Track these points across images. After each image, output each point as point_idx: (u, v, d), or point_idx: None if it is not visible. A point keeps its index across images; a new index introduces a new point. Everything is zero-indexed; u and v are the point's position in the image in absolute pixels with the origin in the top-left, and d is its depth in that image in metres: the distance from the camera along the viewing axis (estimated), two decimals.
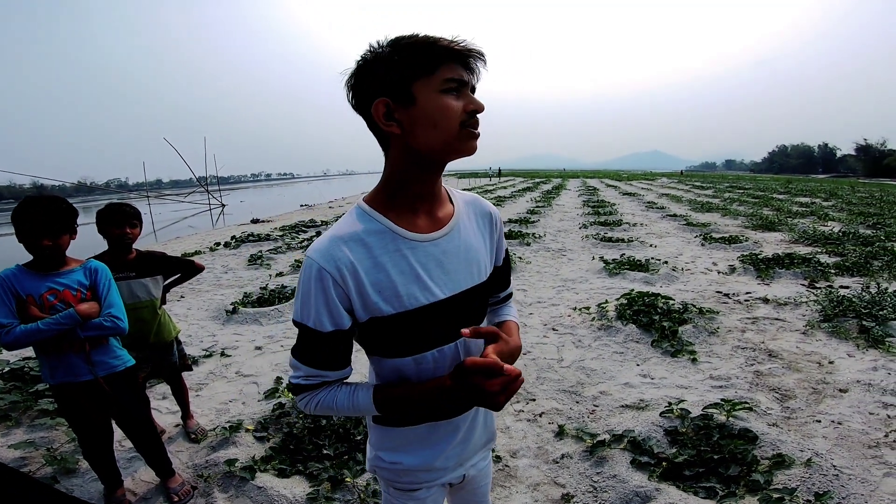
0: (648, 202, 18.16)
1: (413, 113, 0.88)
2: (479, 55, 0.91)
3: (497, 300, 1.23)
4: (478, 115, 0.92)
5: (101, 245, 2.55)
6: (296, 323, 0.95)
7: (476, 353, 1.07)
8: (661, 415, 2.97)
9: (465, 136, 0.91)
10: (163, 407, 3.39)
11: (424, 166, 0.94)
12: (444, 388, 0.92)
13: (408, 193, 0.96)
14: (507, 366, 0.86)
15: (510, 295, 1.26)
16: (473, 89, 0.94)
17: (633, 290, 5.62)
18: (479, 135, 0.93)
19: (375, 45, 0.89)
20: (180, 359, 2.92)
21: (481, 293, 1.07)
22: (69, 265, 2.07)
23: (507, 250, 1.21)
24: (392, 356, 0.99)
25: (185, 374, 3.07)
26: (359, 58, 0.91)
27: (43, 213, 1.88)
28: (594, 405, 3.31)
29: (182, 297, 6.35)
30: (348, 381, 1.04)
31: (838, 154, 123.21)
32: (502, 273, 1.20)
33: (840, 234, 9.66)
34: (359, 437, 2.82)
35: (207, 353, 4.39)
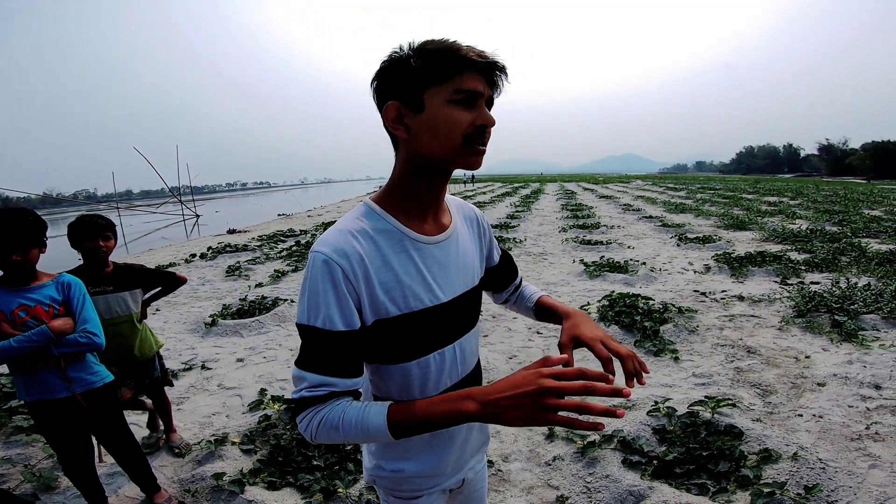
0: (625, 204, 18.47)
1: (420, 119, 0.88)
2: (499, 68, 0.89)
3: (515, 287, 1.28)
4: (489, 130, 0.90)
5: (72, 258, 2.47)
6: (301, 327, 0.88)
7: (469, 355, 1.08)
8: (648, 414, 3.01)
9: (467, 151, 0.89)
10: (143, 421, 3.29)
11: (427, 172, 0.94)
12: (467, 414, 0.81)
13: (414, 197, 0.96)
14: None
15: (521, 279, 1.31)
16: (492, 102, 0.92)
17: (613, 291, 5.70)
18: (482, 151, 0.91)
19: (400, 49, 0.89)
20: (162, 374, 2.84)
21: (475, 297, 1.09)
22: (40, 280, 2.00)
23: (500, 247, 1.26)
24: (396, 361, 0.97)
25: (166, 388, 2.99)
26: (385, 58, 0.90)
27: (10, 226, 1.82)
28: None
29: (158, 310, 6.19)
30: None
31: (802, 154, 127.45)
32: (505, 266, 1.25)
33: (808, 231, 9.98)
34: (349, 448, 2.78)
35: (187, 366, 4.28)
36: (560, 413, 0.75)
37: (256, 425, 3.03)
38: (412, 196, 0.96)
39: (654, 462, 2.57)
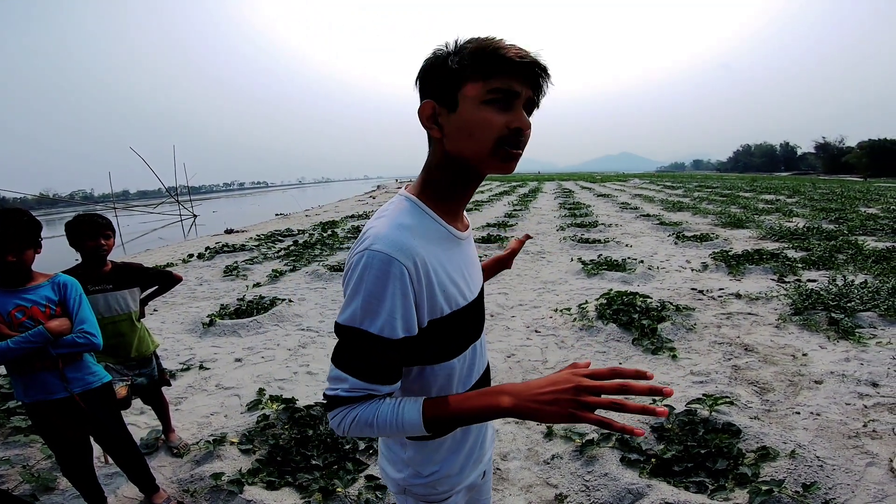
0: (622, 203, 18.49)
1: (454, 119, 0.86)
2: (540, 68, 0.85)
3: None
4: (525, 134, 0.86)
5: (68, 258, 2.47)
6: (351, 330, 0.83)
7: (484, 349, 1.09)
8: None
9: (500, 154, 0.85)
10: (141, 422, 3.29)
11: (459, 172, 0.92)
12: (503, 409, 0.80)
13: (449, 194, 0.95)
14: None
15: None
16: (533, 104, 0.89)
17: (611, 289, 5.71)
18: (517, 155, 0.87)
19: (443, 47, 0.87)
20: (159, 373, 2.84)
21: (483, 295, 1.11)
22: (36, 280, 1.99)
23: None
24: (444, 359, 0.94)
25: (163, 389, 2.99)
26: (428, 55, 0.89)
27: (5, 227, 1.81)
28: None
29: (155, 310, 6.18)
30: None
31: (799, 152, 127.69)
32: None
33: (805, 229, 10.01)
34: (347, 447, 2.78)
35: (185, 366, 4.28)
36: (597, 412, 0.76)
37: (255, 425, 3.03)
38: (446, 193, 0.95)
39: (653, 460, 2.57)
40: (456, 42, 0.86)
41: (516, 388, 0.80)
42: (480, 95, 0.83)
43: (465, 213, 1.07)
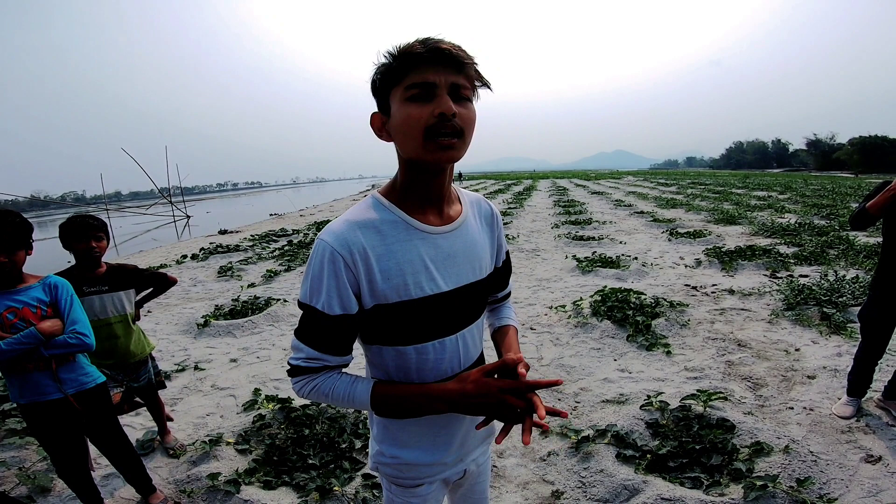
0: (616, 200, 18.55)
1: (391, 124, 0.93)
2: (447, 52, 0.85)
3: (496, 300, 1.28)
4: (455, 119, 0.86)
5: (61, 260, 2.46)
6: (302, 304, 0.95)
7: (472, 346, 1.11)
8: (641, 408, 3.03)
9: (431, 145, 0.87)
10: (136, 423, 3.27)
11: (418, 171, 0.95)
12: (450, 399, 0.95)
13: (416, 192, 0.99)
14: (535, 397, 0.93)
15: (508, 294, 1.30)
16: (463, 88, 0.88)
17: (606, 286, 5.73)
18: (450, 144, 0.87)
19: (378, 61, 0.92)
20: (155, 375, 2.83)
21: (481, 289, 1.09)
22: (27, 282, 1.99)
23: (507, 252, 1.24)
24: (392, 343, 1.00)
25: (159, 391, 2.98)
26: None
27: None
28: (576, 401, 3.36)
29: (150, 311, 6.15)
30: (348, 370, 1.04)
31: (791, 149, 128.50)
32: (503, 274, 1.24)
33: (797, 225, 10.08)
34: (344, 445, 2.78)
35: (180, 367, 4.26)
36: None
37: (251, 425, 3.03)
38: (413, 191, 0.99)
39: (648, 456, 2.59)
40: (382, 55, 0.91)
41: (453, 395, 0.94)
42: (401, 95, 0.88)
43: (462, 205, 1.08)
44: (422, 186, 0.98)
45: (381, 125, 0.96)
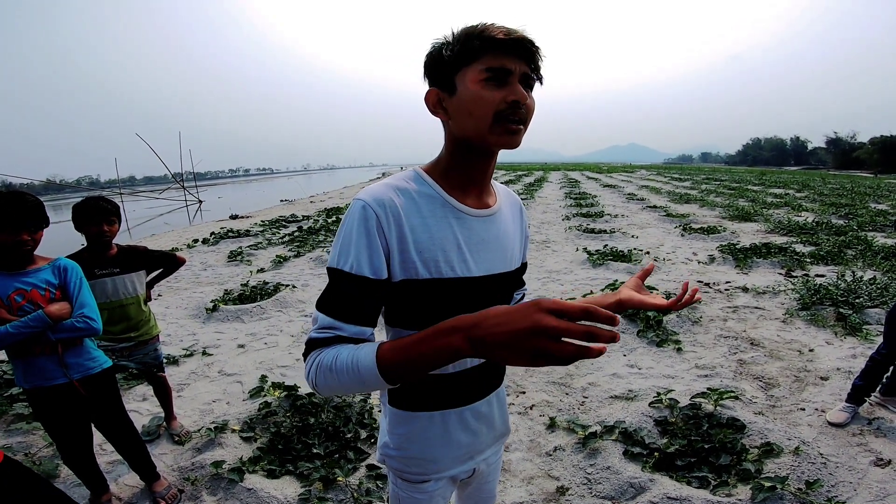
0: (629, 194, 18.34)
1: (454, 102, 0.91)
2: (528, 42, 0.88)
3: (514, 301, 1.25)
4: (524, 108, 0.89)
5: (73, 242, 2.46)
6: (330, 270, 0.89)
7: None
8: (650, 405, 2.99)
9: (500, 128, 0.88)
10: (143, 409, 3.29)
11: (469, 152, 0.95)
12: (467, 325, 0.70)
13: (460, 174, 0.98)
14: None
15: (524, 294, 1.29)
16: (530, 78, 0.91)
17: (616, 280, 5.67)
18: (517, 129, 0.90)
19: (440, 38, 0.92)
20: (154, 360, 2.81)
21: (510, 281, 1.08)
22: (36, 264, 1.98)
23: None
24: (418, 327, 0.88)
25: (167, 374, 2.98)
26: (430, 48, 0.94)
27: (19, 206, 1.81)
28: (584, 396, 3.32)
29: (160, 295, 6.19)
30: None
31: (809, 147, 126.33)
32: (522, 271, 1.22)
33: (814, 224, 9.90)
34: (349, 435, 2.77)
35: (188, 352, 4.28)
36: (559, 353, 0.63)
37: (256, 412, 3.03)
38: (458, 173, 0.98)
39: (656, 454, 2.55)
40: (452, 32, 0.91)
41: (470, 323, 0.70)
42: (475, 76, 0.87)
43: (497, 195, 1.08)
44: (468, 168, 0.97)
45: (438, 101, 0.94)
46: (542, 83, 0.95)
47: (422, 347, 0.74)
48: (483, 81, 0.87)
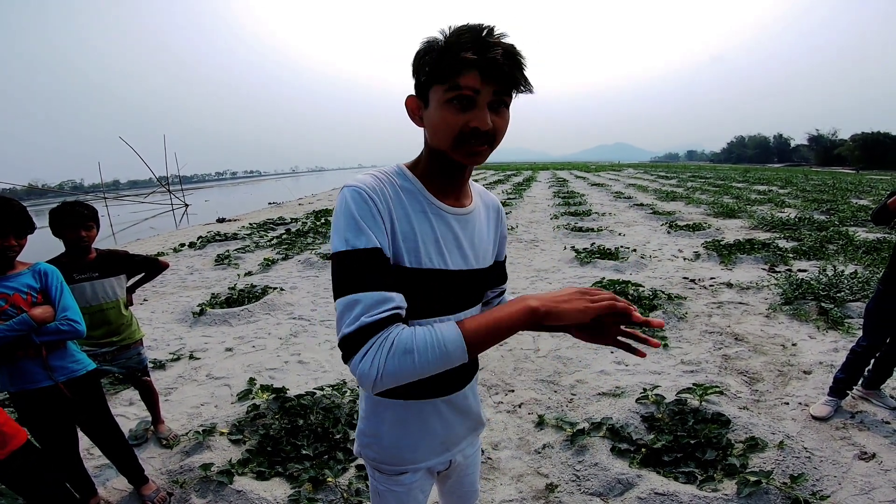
0: (616, 192, 18.49)
1: (426, 115, 0.93)
2: (499, 63, 0.83)
3: (495, 294, 1.27)
4: (489, 133, 0.88)
5: (51, 247, 2.44)
6: (344, 253, 0.85)
7: None
8: (637, 401, 3.02)
9: (460, 151, 0.90)
10: (130, 413, 3.26)
11: (438, 159, 0.97)
12: (531, 310, 0.85)
13: (436, 175, 1.00)
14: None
15: (504, 290, 1.30)
16: (505, 95, 0.88)
17: (604, 278, 5.72)
18: (479, 151, 0.90)
19: (424, 40, 0.91)
20: (138, 364, 2.78)
21: (482, 278, 1.09)
22: (17, 268, 1.97)
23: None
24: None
25: (153, 379, 2.96)
26: (417, 50, 0.93)
27: (6, 211, 1.82)
28: (572, 394, 3.35)
29: (145, 300, 6.12)
30: None
31: (792, 144, 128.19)
32: (502, 267, 1.24)
33: (796, 219, 10.06)
34: (338, 436, 2.77)
35: (175, 356, 4.24)
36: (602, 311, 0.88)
37: (245, 415, 3.01)
38: (434, 174, 1.00)
39: (643, 450, 2.58)
40: (438, 37, 0.88)
41: (535, 295, 0.87)
42: (441, 97, 0.87)
43: (472, 196, 1.09)
44: (443, 173, 1.00)
45: (417, 110, 0.96)
46: (531, 92, 0.92)
47: (498, 314, 0.85)
48: (447, 103, 0.86)
